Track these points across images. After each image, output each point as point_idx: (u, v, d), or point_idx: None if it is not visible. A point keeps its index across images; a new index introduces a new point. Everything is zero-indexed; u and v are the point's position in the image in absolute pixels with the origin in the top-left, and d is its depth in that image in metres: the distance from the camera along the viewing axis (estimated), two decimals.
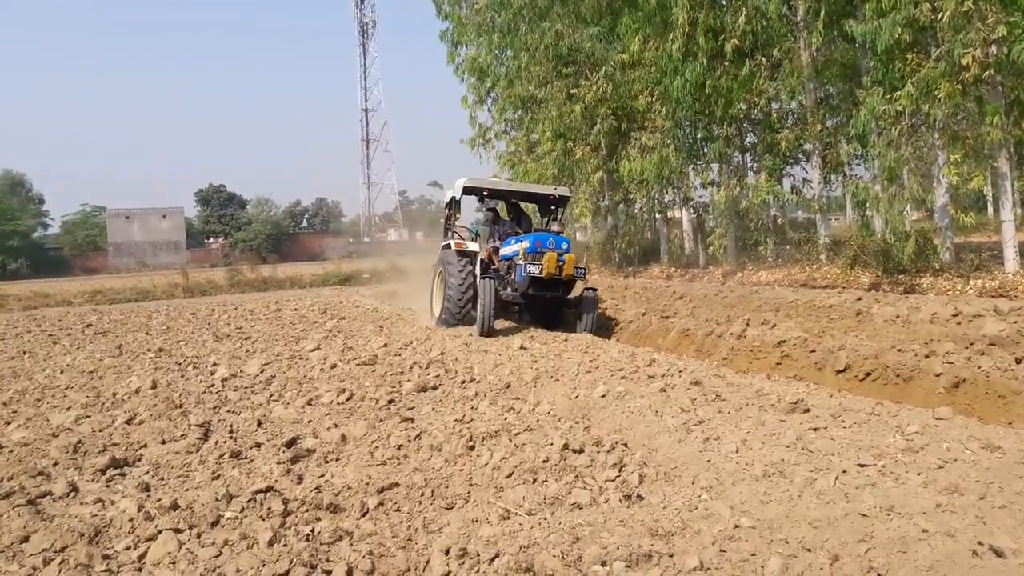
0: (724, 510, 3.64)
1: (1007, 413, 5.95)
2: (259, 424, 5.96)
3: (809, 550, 3.15)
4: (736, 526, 3.43)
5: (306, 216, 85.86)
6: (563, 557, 3.22)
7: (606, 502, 3.95)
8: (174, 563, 3.32)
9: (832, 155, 17.01)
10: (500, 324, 11.84)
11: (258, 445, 5.37)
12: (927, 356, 7.16)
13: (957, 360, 6.91)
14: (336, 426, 5.73)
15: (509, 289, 11.50)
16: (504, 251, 12.22)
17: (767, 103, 18.27)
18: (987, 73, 12.06)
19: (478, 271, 12.13)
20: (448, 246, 12.86)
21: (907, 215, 15.50)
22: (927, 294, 12.05)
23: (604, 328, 12.35)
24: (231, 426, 5.90)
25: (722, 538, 3.32)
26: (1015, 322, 8.10)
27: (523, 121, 27.44)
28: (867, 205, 15.05)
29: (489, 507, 3.94)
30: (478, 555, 3.30)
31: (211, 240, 77.44)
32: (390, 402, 6.55)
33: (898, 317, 9.31)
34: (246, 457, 5.08)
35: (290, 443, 5.30)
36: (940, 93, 12.16)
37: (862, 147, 15.72)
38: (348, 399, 6.73)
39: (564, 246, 11.13)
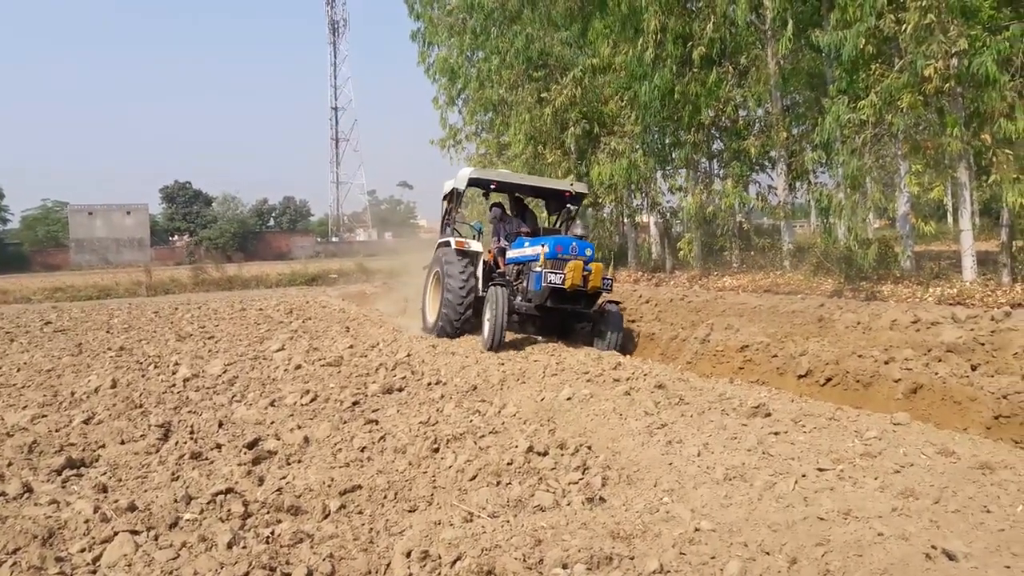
0: (685, 513, 3.68)
1: (962, 419, 6.07)
2: (220, 425, 5.89)
3: (768, 553, 3.19)
4: (696, 529, 3.46)
5: (273, 215, 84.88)
6: (524, 560, 3.23)
7: (569, 504, 3.97)
8: (130, 565, 3.27)
9: (797, 162, 17.25)
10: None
11: (219, 446, 5.31)
12: (886, 362, 7.29)
13: (915, 366, 7.04)
14: (299, 428, 5.69)
15: (521, 299, 10.09)
16: (512, 253, 10.90)
17: (734, 110, 18.44)
18: (948, 85, 12.30)
19: (480, 274, 10.93)
20: (447, 244, 11.42)
21: (869, 223, 15.77)
22: (888, 301, 12.24)
23: (572, 331, 12.18)
24: (192, 427, 5.83)
25: (682, 541, 3.35)
26: (972, 330, 8.27)
27: (494, 123, 27.46)
28: (830, 212, 15.26)
29: (452, 510, 3.94)
30: (440, 558, 3.30)
31: (176, 238, 76.25)
32: (355, 404, 6.52)
33: (859, 324, 9.46)
34: (207, 458, 5.02)
35: (252, 444, 5.25)
36: (903, 103, 12.38)
37: (826, 155, 15.93)
38: (312, 400, 6.68)
39: (589, 252, 9.74)
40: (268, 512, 3.95)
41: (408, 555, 3.31)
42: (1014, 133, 11.51)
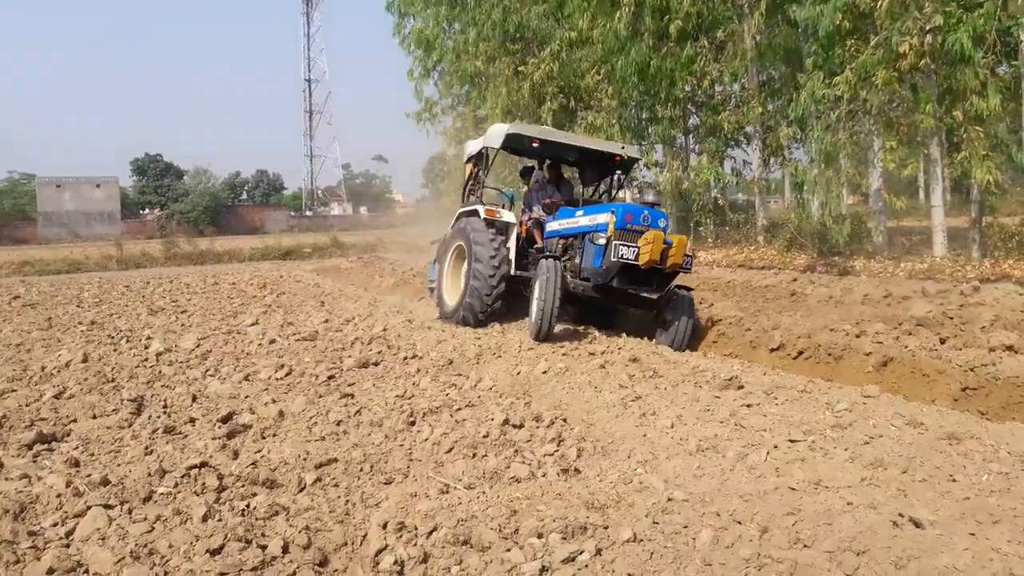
0: (658, 483, 3.72)
1: (931, 391, 6.18)
2: (194, 399, 5.84)
3: (739, 522, 3.24)
4: (669, 499, 3.51)
5: (246, 188, 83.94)
6: (500, 530, 3.25)
7: (544, 476, 4.00)
8: (104, 539, 3.24)
9: (772, 138, 17.36)
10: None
11: (193, 420, 5.27)
12: (858, 336, 7.39)
13: (886, 340, 7.15)
14: (274, 402, 5.66)
15: (572, 278, 8.35)
16: (554, 225, 9.28)
17: (710, 85, 18.51)
18: (923, 61, 12.41)
19: (513, 251, 9.36)
20: (473, 213, 9.72)
21: (843, 199, 15.93)
22: (860, 276, 12.42)
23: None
24: (165, 401, 5.78)
25: (655, 511, 3.39)
26: (941, 304, 8.42)
27: (471, 97, 27.30)
28: (804, 188, 15.40)
29: (428, 482, 3.95)
30: (416, 528, 3.31)
31: (147, 211, 75.15)
32: (330, 378, 6.49)
33: (831, 298, 9.59)
34: (180, 432, 4.99)
35: (226, 418, 5.22)
36: (877, 80, 12.49)
37: (801, 131, 16.08)
38: (287, 375, 6.64)
39: (663, 223, 8.08)
40: (243, 485, 3.94)
41: (384, 526, 3.32)
42: (985, 110, 11.67)
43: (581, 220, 8.60)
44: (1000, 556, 2.74)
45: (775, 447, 4.15)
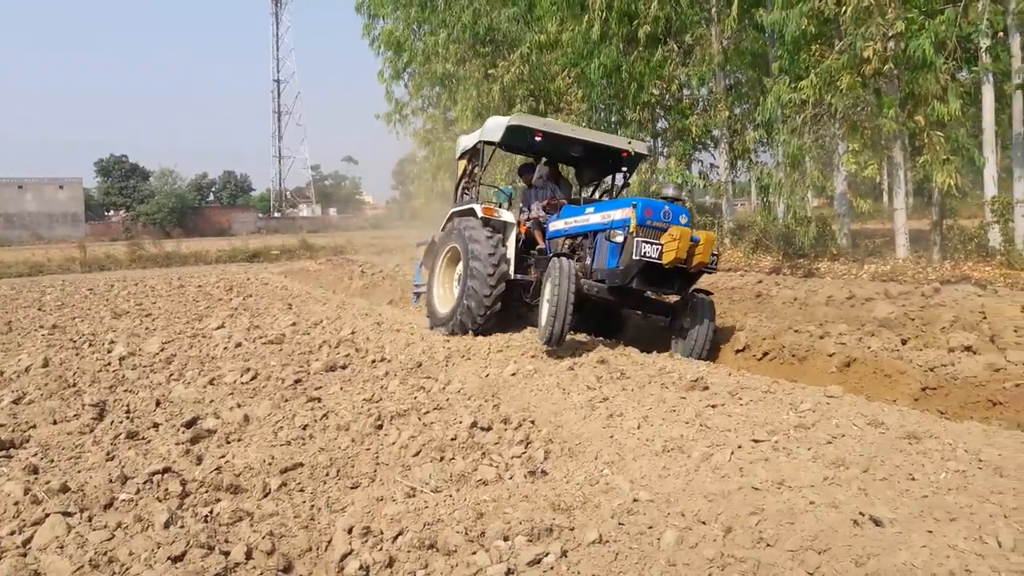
0: (624, 484, 3.74)
1: (892, 391, 6.29)
2: (158, 404, 5.76)
3: (704, 522, 3.27)
4: (635, 500, 3.53)
5: (213, 189, 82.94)
6: (466, 533, 3.25)
7: (511, 478, 4.00)
8: (62, 547, 3.19)
9: (739, 141, 17.55)
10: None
11: (156, 425, 5.20)
12: (821, 337, 7.50)
13: (849, 341, 7.26)
14: (239, 406, 5.60)
15: (587, 279, 7.61)
16: (559, 224, 8.61)
17: (678, 89, 18.67)
18: (886, 67, 12.64)
19: (512, 252, 8.69)
20: (469, 212, 9.03)
21: (808, 201, 16.15)
22: (824, 278, 12.61)
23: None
24: (128, 406, 5.69)
25: (621, 512, 3.41)
26: (903, 305, 8.57)
27: (441, 99, 27.27)
28: (770, 191, 15.59)
29: (395, 486, 3.94)
30: (382, 533, 3.30)
31: (112, 213, 73.97)
32: (297, 382, 6.44)
33: (796, 299, 9.72)
34: (143, 438, 4.91)
35: (190, 423, 5.15)
36: (842, 84, 12.69)
37: (767, 134, 16.28)
38: (252, 379, 6.58)
39: (684, 220, 7.38)
40: (207, 491, 3.89)
41: (350, 531, 3.31)
42: (946, 115, 11.91)
43: (592, 217, 7.96)
44: (956, 553, 2.79)
45: (739, 447, 4.18)
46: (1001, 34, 12.64)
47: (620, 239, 7.21)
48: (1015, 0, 11.93)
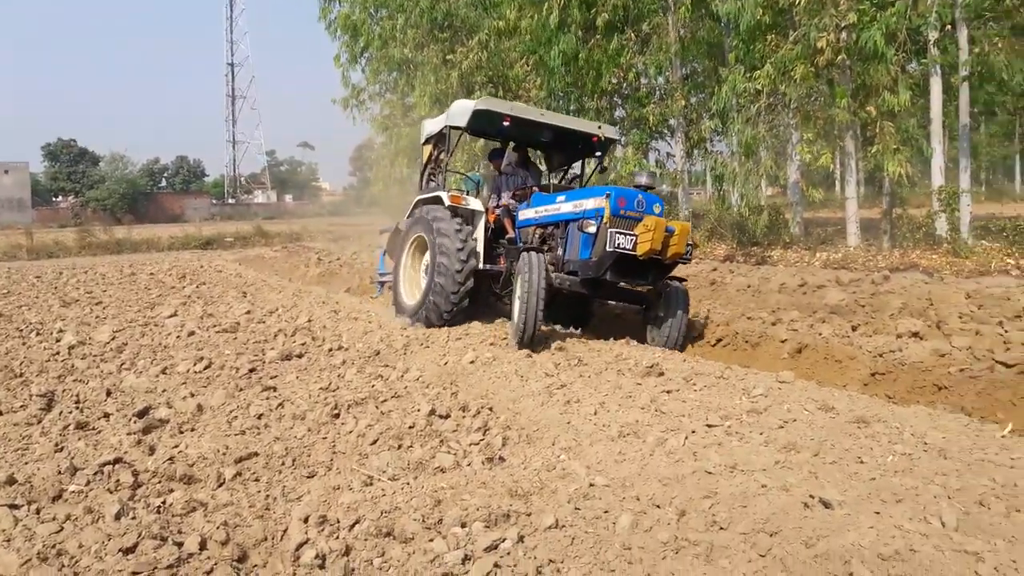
0: (581, 470, 3.77)
1: (842, 376, 6.45)
2: (109, 393, 5.64)
3: (658, 506, 3.31)
4: (591, 485, 3.56)
5: (165, 175, 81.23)
6: (424, 520, 3.25)
7: (469, 465, 4.01)
8: (9, 540, 3.11)
9: (695, 131, 17.73)
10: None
11: (107, 415, 5.09)
12: (774, 324, 7.64)
13: (801, 327, 7.41)
14: (192, 395, 5.51)
15: (558, 271, 7.53)
16: (528, 213, 8.45)
17: (636, 78, 18.77)
18: (839, 57, 12.87)
19: (481, 243, 8.47)
20: (435, 200, 8.77)
21: (762, 190, 16.41)
22: (777, 265, 12.83)
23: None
24: (77, 396, 5.56)
25: (577, 496, 3.44)
26: (854, 292, 8.77)
27: (399, 84, 27.03)
28: (725, 180, 15.80)
29: (352, 474, 3.92)
30: (338, 522, 3.28)
31: (60, 198, 72.01)
32: (252, 371, 6.36)
33: (749, 287, 9.87)
34: (93, 428, 4.81)
35: (142, 413, 5.06)
36: (796, 74, 12.89)
37: (722, 123, 16.46)
38: (206, 367, 6.48)
39: (658, 209, 7.26)
40: (159, 482, 3.83)
41: (306, 520, 3.28)
42: (896, 105, 12.17)
43: (564, 206, 7.77)
44: (902, 533, 2.88)
45: (693, 432, 4.25)
46: (949, 27, 12.95)
47: (593, 229, 7.10)
48: None
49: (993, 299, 7.62)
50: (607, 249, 6.83)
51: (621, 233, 6.83)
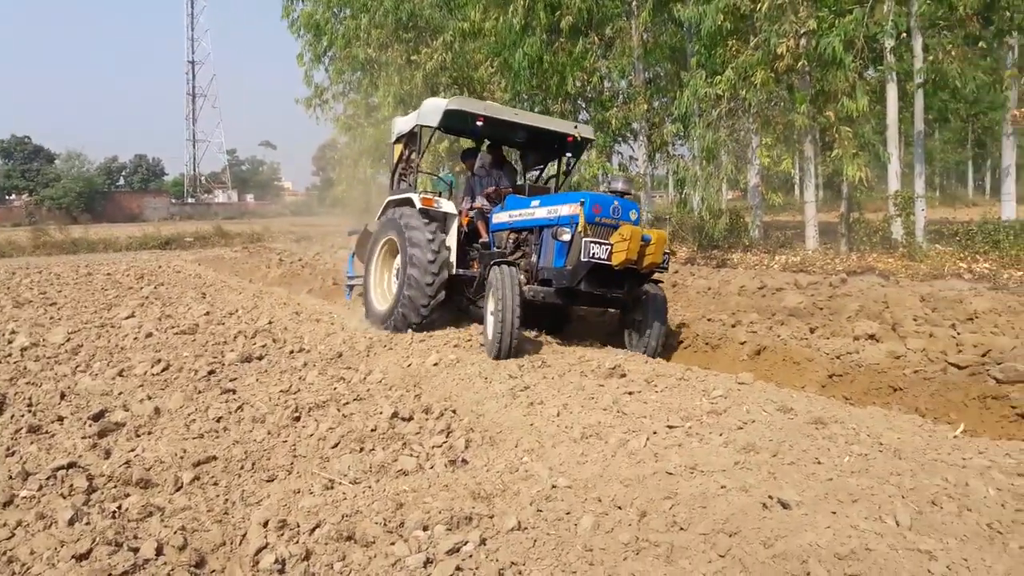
0: (543, 471, 3.78)
1: (801, 378, 6.54)
2: (63, 396, 5.52)
3: (620, 507, 3.33)
4: (553, 486, 3.57)
5: (124, 174, 79.77)
6: (385, 524, 3.23)
7: (432, 468, 4.00)
8: None
9: (657, 134, 17.89)
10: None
11: (61, 419, 4.98)
12: (734, 326, 7.73)
13: (760, 329, 7.51)
14: (149, 398, 5.42)
15: (529, 281, 7.39)
16: (502, 216, 8.24)
17: (599, 81, 18.88)
18: (799, 63, 13.07)
19: (454, 250, 8.31)
20: (406, 202, 8.58)
21: (723, 194, 16.61)
22: (737, 268, 12.99)
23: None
24: (30, 399, 5.43)
25: (540, 498, 3.44)
26: (812, 295, 8.90)
27: (362, 84, 26.88)
28: (686, 183, 15.96)
29: (313, 478, 3.88)
30: (298, 526, 3.25)
31: (13, 197, 70.28)
32: (210, 373, 6.27)
33: (710, 289, 9.98)
34: (46, 432, 4.70)
35: (97, 416, 4.96)
36: (756, 79, 13.06)
37: (684, 128, 16.62)
38: (164, 370, 6.37)
39: (634, 216, 7.15)
40: (115, 486, 3.76)
41: (265, 524, 3.25)
42: (855, 111, 12.39)
43: (538, 212, 7.54)
44: (857, 532, 2.93)
45: (655, 433, 4.28)
46: (904, 35, 13.23)
47: (567, 237, 6.87)
48: (918, 2, 12.49)
49: (946, 302, 7.79)
50: (581, 259, 6.59)
51: (595, 242, 6.59)
